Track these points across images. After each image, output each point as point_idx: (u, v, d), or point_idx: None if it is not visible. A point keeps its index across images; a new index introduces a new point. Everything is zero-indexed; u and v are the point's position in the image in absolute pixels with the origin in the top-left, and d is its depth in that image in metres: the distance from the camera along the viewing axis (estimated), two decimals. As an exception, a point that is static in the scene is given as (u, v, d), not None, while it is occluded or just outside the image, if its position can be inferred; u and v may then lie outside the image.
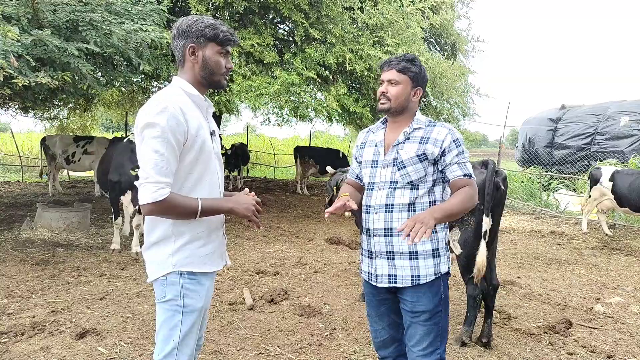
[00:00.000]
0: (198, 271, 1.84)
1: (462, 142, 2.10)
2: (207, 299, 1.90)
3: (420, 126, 2.13)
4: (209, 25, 1.80)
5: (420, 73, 2.13)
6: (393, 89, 2.10)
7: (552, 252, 6.71)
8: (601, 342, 3.67)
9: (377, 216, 2.10)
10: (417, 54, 7.81)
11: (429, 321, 2.06)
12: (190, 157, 1.77)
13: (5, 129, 23.29)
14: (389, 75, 2.12)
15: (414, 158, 2.06)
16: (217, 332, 3.53)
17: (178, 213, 1.73)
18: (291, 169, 17.41)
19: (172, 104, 1.71)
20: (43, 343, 3.22)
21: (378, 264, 2.12)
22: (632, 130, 12.79)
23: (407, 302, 2.09)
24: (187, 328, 1.82)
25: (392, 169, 2.10)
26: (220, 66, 1.85)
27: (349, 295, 4.52)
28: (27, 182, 12.81)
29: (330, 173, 5.34)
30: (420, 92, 2.16)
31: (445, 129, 2.09)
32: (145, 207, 1.67)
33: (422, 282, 2.05)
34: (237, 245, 6.35)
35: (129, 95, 12.87)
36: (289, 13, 6.91)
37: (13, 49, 4.17)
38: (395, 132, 2.16)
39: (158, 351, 1.84)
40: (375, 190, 2.14)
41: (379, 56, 7.13)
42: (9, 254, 5.37)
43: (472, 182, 2.08)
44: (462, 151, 2.08)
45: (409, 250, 2.06)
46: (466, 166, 2.07)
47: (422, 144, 2.07)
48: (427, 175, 2.08)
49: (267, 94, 6.90)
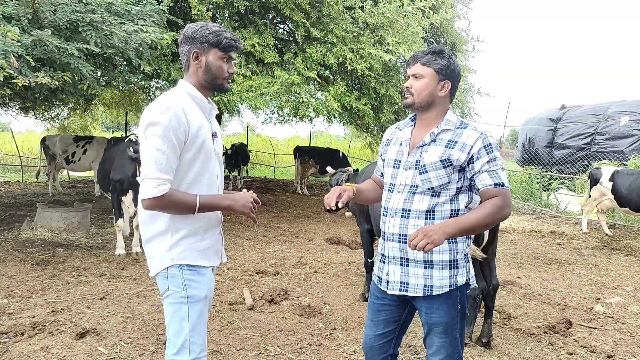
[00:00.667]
0: (196, 264, 1.90)
1: (496, 147, 1.92)
2: (210, 288, 1.96)
3: (449, 127, 1.97)
4: (213, 32, 1.88)
5: (449, 65, 1.96)
6: (416, 83, 1.98)
7: (552, 252, 6.71)
8: (601, 342, 3.67)
9: (393, 220, 2.00)
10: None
11: (445, 334, 1.97)
12: (189, 155, 1.84)
13: (5, 128, 23.31)
14: (414, 70, 1.99)
15: (437, 163, 1.91)
16: (217, 332, 3.53)
17: (177, 208, 1.82)
18: (291, 169, 17.41)
19: (175, 104, 1.80)
20: (43, 343, 3.22)
21: (391, 269, 2.03)
22: (632, 130, 12.79)
23: (422, 312, 2.02)
24: (196, 318, 1.88)
25: (413, 172, 1.97)
26: (223, 71, 1.92)
27: (349, 295, 4.52)
28: (27, 182, 12.81)
29: (330, 173, 5.34)
30: (449, 86, 1.99)
31: (477, 132, 1.92)
32: (145, 201, 1.77)
33: (435, 294, 1.95)
34: (237, 245, 6.35)
35: (129, 95, 12.87)
36: (290, 13, 6.91)
37: (13, 49, 4.17)
38: (423, 131, 2.02)
39: (171, 346, 1.87)
40: (394, 193, 2.03)
41: (380, 55, 7.14)
42: (9, 254, 5.38)
43: (505, 192, 1.88)
44: (494, 158, 1.89)
45: (424, 259, 1.95)
46: (498, 174, 1.89)
47: (448, 148, 1.92)
48: (451, 183, 1.93)
49: (268, 93, 6.91)
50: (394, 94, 8.18)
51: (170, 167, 1.77)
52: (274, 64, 7.36)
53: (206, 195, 1.88)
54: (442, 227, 1.82)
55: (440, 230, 1.80)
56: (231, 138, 23.77)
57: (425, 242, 1.77)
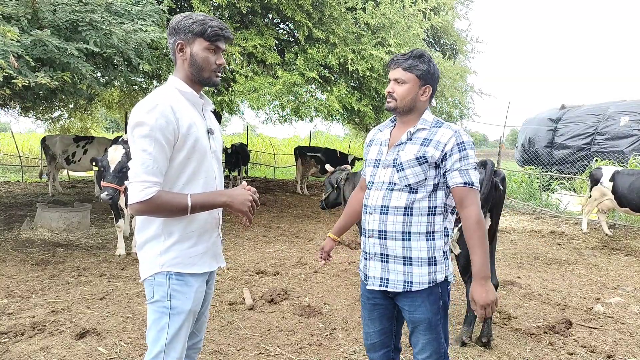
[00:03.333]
0: (186, 272, 1.80)
1: (469, 146, 1.95)
2: (196, 301, 1.84)
3: (424, 127, 2.01)
4: (197, 21, 1.75)
5: (430, 70, 2.00)
6: (399, 88, 2.00)
7: (552, 252, 6.71)
8: (601, 342, 3.67)
9: (372, 217, 2.04)
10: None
11: (429, 331, 1.99)
12: (181, 155, 1.73)
13: (5, 129, 23.32)
14: (396, 74, 2.01)
15: (413, 161, 1.96)
16: (217, 332, 3.53)
17: (167, 211, 1.69)
18: (291, 168, 17.41)
19: (162, 102, 1.68)
20: (43, 343, 3.22)
21: (371, 265, 2.07)
22: (632, 130, 12.79)
23: (405, 309, 2.04)
24: (175, 331, 1.78)
25: (391, 170, 2.01)
26: (209, 62, 1.79)
27: (349, 295, 4.52)
28: (27, 182, 12.82)
29: (330, 171, 5.35)
30: (430, 90, 2.03)
31: (451, 130, 1.96)
32: (133, 206, 1.65)
33: (415, 289, 1.97)
34: (237, 245, 6.35)
35: (129, 95, 12.88)
36: (292, 13, 6.92)
37: (13, 49, 4.17)
38: (402, 130, 2.07)
39: (148, 352, 1.82)
40: (372, 190, 2.07)
41: (381, 56, 7.14)
42: (9, 254, 5.38)
43: (472, 192, 1.93)
44: (466, 156, 1.93)
45: (403, 255, 1.98)
46: (468, 173, 1.92)
47: (423, 146, 1.96)
48: (428, 179, 1.96)
49: (270, 94, 6.91)
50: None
51: (157, 169, 1.65)
52: (276, 65, 7.37)
53: (199, 194, 1.75)
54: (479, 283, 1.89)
55: (482, 289, 1.88)
56: (231, 138, 23.79)
57: (490, 310, 1.89)
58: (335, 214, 9.05)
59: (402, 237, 1.97)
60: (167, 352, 1.77)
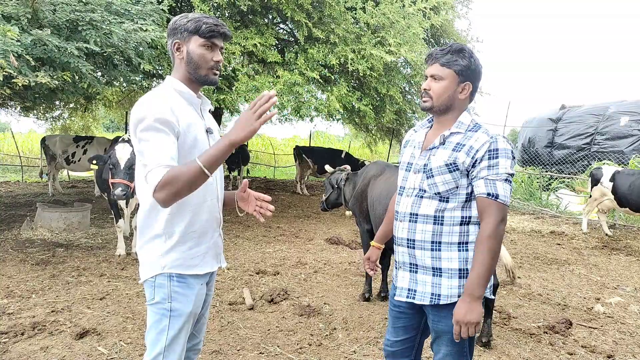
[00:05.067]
0: (187, 274, 1.79)
1: (504, 154, 1.76)
2: (197, 304, 1.83)
3: (459, 130, 1.86)
4: (192, 19, 1.74)
5: (470, 65, 1.84)
6: (435, 85, 1.86)
7: (552, 252, 6.71)
8: (601, 342, 3.67)
9: (402, 224, 1.93)
10: (418, 53, 7.82)
11: (452, 343, 1.87)
12: (181, 154, 1.70)
13: (5, 128, 23.30)
14: (432, 70, 1.87)
15: (442, 167, 1.82)
16: (217, 332, 3.53)
17: (186, 182, 1.56)
18: (291, 168, 17.40)
19: (159, 102, 1.68)
20: (43, 343, 3.22)
21: (400, 275, 1.98)
22: (632, 130, 12.79)
23: (429, 319, 1.94)
24: (175, 333, 1.77)
25: (421, 176, 1.88)
26: (206, 60, 1.76)
27: (349, 295, 4.51)
28: (27, 182, 12.81)
29: (329, 172, 5.34)
30: (470, 88, 1.88)
31: (487, 135, 1.80)
32: (155, 197, 1.57)
33: (442, 303, 1.85)
34: (237, 245, 6.35)
35: (130, 95, 12.88)
36: (292, 13, 6.91)
37: (13, 49, 4.17)
38: (437, 133, 1.92)
39: (147, 354, 1.81)
40: (403, 197, 1.95)
41: (381, 56, 7.14)
42: (9, 254, 5.37)
43: (494, 206, 1.74)
44: (496, 165, 1.75)
45: (433, 266, 1.86)
46: (494, 184, 1.74)
47: (455, 152, 1.81)
48: (460, 188, 1.82)
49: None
50: (395, 94, 8.18)
51: (164, 154, 1.58)
52: (276, 64, 7.37)
53: (203, 153, 1.60)
54: (465, 300, 1.74)
55: (466, 306, 1.73)
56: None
57: (466, 330, 1.73)
58: (335, 214, 9.05)
59: (431, 247, 1.86)
60: (166, 355, 1.76)
